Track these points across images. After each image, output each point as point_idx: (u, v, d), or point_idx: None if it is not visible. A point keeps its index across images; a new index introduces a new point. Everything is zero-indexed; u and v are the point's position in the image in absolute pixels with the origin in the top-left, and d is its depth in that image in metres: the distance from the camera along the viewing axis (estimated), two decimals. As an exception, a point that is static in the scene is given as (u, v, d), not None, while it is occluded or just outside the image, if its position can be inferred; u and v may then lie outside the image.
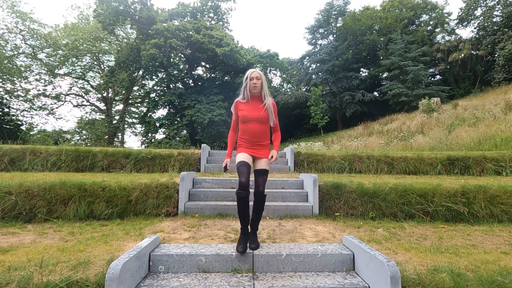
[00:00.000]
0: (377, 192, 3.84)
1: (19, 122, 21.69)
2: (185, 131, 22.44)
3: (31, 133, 23.62)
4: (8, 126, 19.97)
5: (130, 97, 27.41)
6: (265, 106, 2.49)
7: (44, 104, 24.58)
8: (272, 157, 2.54)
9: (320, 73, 30.50)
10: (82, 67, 26.18)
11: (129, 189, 3.77)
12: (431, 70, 27.86)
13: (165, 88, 22.41)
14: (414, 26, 30.54)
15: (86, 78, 26.54)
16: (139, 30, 20.80)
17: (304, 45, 77.54)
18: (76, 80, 26.26)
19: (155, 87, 23.45)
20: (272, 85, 37.06)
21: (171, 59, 22.39)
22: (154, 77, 23.75)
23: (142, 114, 24.68)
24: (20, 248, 2.53)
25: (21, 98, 22.96)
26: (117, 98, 27.91)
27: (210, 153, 6.69)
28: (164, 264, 2.35)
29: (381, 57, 30.00)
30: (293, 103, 29.74)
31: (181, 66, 24.19)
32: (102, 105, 27.61)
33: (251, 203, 2.45)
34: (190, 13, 22.90)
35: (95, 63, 26.91)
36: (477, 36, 26.04)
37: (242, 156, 2.48)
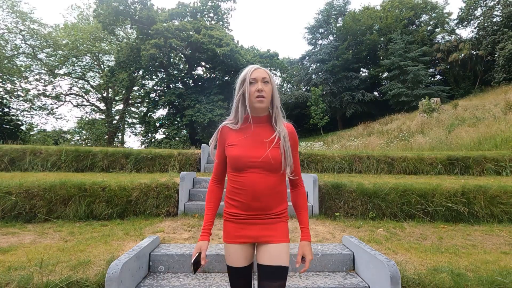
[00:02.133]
0: (377, 192, 3.84)
1: (19, 122, 21.68)
2: (185, 131, 22.43)
3: (31, 133, 23.60)
4: (8, 126, 19.96)
5: (130, 97, 27.40)
6: (276, 138, 1.29)
7: (44, 104, 24.59)
8: (303, 259, 1.32)
9: (320, 73, 30.50)
10: (82, 67, 26.17)
11: (129, 189, 3.77)
12: (431, 70, 27.86)
13: (165, 88, 22.41)
14: (414, 26, 30.53)
15: (86, 78, 26.53)
16: (139, 30, 20.80)
17: (304, 45, 77.57)
18: (76, 80, 26.25)
19: (155, 87, 23.45)
20: (272, 85, 36.93)
21: (171, 59, 22.39)
22: (154, 77, 23.75)
23: (142, 114, 24.69)
24: (20, 248, 2.53)
25: (21, 98, 22.96)
26: (117, 98, 27.91)
27: (210, 153, 6.69)
28: (164, 264, 2.35)
29: (381, 57, 30.01)
30: (293, 103, 29.74)
31: (181, 66, 24.19)
32: (102, 105, 27.61)
33: None
34: (190, 13, 22.91)
35: (95, 63, 26.90)
36: (477, 36, 26.03)
37: (235, 253, 1.29)
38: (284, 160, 1.28)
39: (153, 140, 21.87)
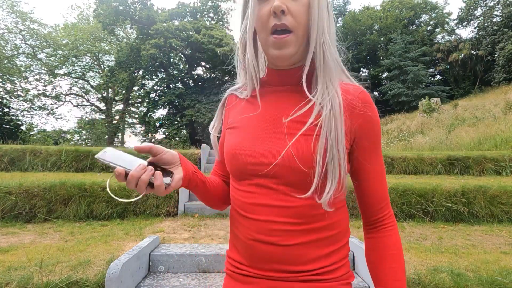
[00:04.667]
0: (377, 192, 3.83)
1: (19, 122, 21.67)
2: (185, 131, 22.44)
3: (31, 133, 23.60)
4: (8, 126, 19.95)
5: (130, 97, 27.40)
6: (314, 114, 0.55)
7: (44, 104, 24.60)
8: None
9: (320, 73, 30.50)
10: (82, 67, 26.18)
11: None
12: (431, 70, 27.86)
13: (165, 88, 22.41)
14: (414, 26, 30.54)
15: (86, 78, 26.54)
16: (139, 30, 20.80)
17: (304, 45, 77.48)
18: (76, 80, 26.24)
19: (155, 87, 23.45)
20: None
21: (171, 59, 22.38)
22: (154, 77, 23.76)
23: (142, 114, 24.68)
24: (20, 248, 2.53)
25: (21, 98, 22.96)
26: (117, 98, 27.90)
27: (210, 153, 6.69)
28: (164, 264, 2.35)
29: (381, 57, 30.01)
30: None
31: (181, 66, 24.19)
32: (102, 105, 27.61)
33: None
34: (190, 13, 22.91)
35: (95, 63, 26.90)
36: (477, 36, 26.03)
37: None
38: (322, 163, 0.54)
39: (153, 140, 21.90)
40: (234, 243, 0.65)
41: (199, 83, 22.81)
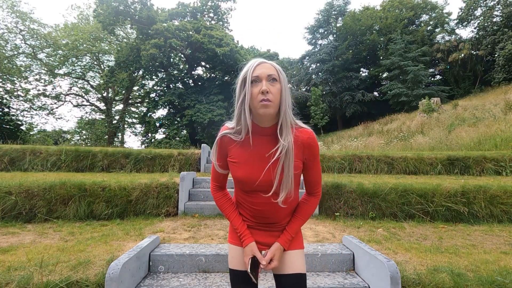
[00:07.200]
0: (377, 192, 3.83)
1: (19, 122, 21.66)
2: (185, 131, 22.43)
3: (31, 133, 23.59)
4: (8, 126, 19.94)
5: (130, 97, 27.39)
6: (278, 153, 1.06)
7: (44, 104, 24.57)
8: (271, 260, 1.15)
9: (320, 73, 30.52)
10: (82, 67, 26.16)
11: (129, 189, 3.77)
12: (431, 70, 27.87)
13: (165, 88, 22.42)
14: (414, 26, 30.55)
15: (86, 78, 26.53)
16: (139, 30, 20.80)
17: (304, 45, 77.62)
18: (76, 80, 26.23)
19: (155, 87, 23.46)
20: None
21: (171, 59, 22.39)
22: (154, 77, 23.76)
23: (142, 114, 24.69)
24: (20, 248, 2.53)
25: (21, 98, 22.94)
26: (117, 98, 27.90)
27: (209, 153, 6.69)
28: (164, 264, 2.35)
29: (381, 57, 30.02)
30: (293, 103, 29.76)
31: (181, 66, 24.20)
32: (102, 105, 27.61)
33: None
34: (190, 13, 22.92)
35: (95, 63, 26.89)
36: (477, 36, 26.05)
37: (240, 255, 1.19)
38: (279, 182, 1.06)
39: (153, 140, 21.88)
40: (244, 215, 1.22)
41: (199, 83, 22.81)
